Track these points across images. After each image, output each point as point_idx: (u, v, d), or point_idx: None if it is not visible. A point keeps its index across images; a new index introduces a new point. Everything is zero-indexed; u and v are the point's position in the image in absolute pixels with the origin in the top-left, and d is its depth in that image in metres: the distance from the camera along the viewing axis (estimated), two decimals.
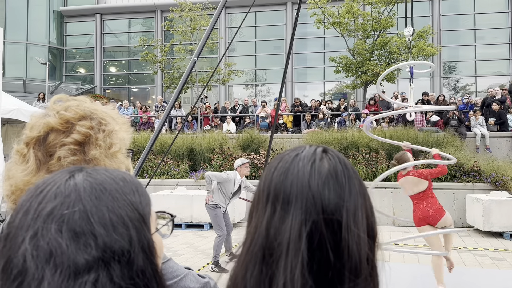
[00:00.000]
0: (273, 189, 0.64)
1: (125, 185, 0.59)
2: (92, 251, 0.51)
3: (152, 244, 0.58)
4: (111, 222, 0.54)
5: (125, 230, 0.54)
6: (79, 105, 0.99)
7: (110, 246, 0.52)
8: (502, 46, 20.43)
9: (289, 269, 0.58)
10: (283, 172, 0.65)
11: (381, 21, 15.51)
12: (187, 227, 9.37)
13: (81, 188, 0.56)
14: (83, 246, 0.51)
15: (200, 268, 6.25)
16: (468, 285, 5.14)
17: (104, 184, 0.57)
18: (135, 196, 0.59)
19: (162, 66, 18.49)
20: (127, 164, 1.05)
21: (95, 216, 0.53)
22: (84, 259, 0.50)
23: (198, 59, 3.58)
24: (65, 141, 0.94)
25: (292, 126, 14.19)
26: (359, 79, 15.65)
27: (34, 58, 21.38)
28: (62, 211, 0.53)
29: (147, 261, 0.55)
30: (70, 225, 0.52)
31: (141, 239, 0.56)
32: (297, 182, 0.63)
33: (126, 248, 0.53)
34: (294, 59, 21.96)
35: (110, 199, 0.56)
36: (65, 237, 0.51)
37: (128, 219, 0.55)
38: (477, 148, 11.15)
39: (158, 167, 9.58)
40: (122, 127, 1.05)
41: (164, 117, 3.44)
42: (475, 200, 8.70)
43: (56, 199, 0.55)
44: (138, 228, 0.56)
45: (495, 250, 7.30)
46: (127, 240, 0.54)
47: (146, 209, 0.60)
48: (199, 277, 1.03)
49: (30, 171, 0.94)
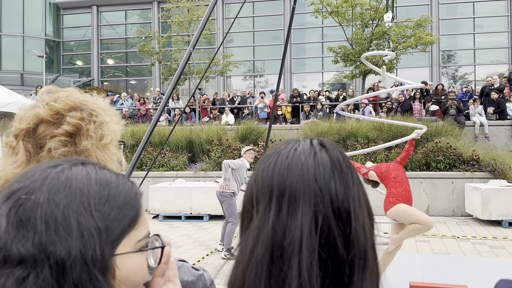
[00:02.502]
0: (276, 186, 0.62)
1: (100, 189, 0.54)
2: (27, 245, 0.48)
3: (104, 261, 0.51)
4: (55, 222, 0.49)
5: (66, 235, 0.49)
6: (68, 96, 0.98)
7: (44, 246, 0.48)
8: (502, 34, 20.32)
9: (305, 267, 0.56)
10: (286, 167, 0.63)
11: (379, 10, 15.39)
12: (187, 218, 9.40)
13: (49, 178, 0.53)
14: (22, 236, 0.48)
15: (199, 260, 6.28)
16: (467, 274, 5.17)
17: (73, 181, 0.53)
18: (104, 205, 0.53)
19: (160, 57, 18.38)
20: (118, 156, 1.04)
21: (42, 210, 0.50)
22: (18, 250, 0.47)
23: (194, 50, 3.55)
24: (56, 133, 0.92)
25: (291, 117, 14.16)
26: (357, 69, 15.57)
27: (31, 51, 21.24)
28: (21, 195, 0.51)
29: (86, 277, 0.49)
30: (19, 211, 0.50)
31: (85, 250, 0.50)
32: (303, 176, 0.61)
33: (61, 254, 0.48)
34: (292, 50, 21.84)
35: (67, 198, 0.51)
36: (10, 222, 0.49)
37: (75, 224, 0.50)
38: (476, 137, 11.15)
39: (156, 159, 9.56)
40: (113, 119, 1.03)
41: (160, 108, 3.41)
42: (474, 189, 8.72)
43: (24, 181, 0.53)
44: (86, 238, 0.50)
45: (494, 239, 7.34)
46: (65, 246, 0.49)
47: (114, 224, 0.54)
48: (193, 270, 1.03)
49: (20, 164, 0.92)
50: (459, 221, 8.94)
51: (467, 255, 6.34)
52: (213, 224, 8.88)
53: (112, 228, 0.53)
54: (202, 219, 9.36)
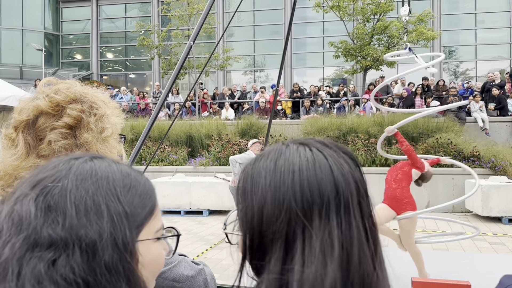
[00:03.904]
0: (318, 197, 0.55)
1: (123, 178, 0.57)
2: (57, 229, 0.49)
3: (131, 245, 0.53)
4: (85, 207, 0.51)
5: (97, 218, 0.51)
6: (69, 88, 0.97)
7: (76, 230, 0.50)
8: (503, 30, 20.21)
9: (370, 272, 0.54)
10: (307, 180, 0.57)
11: (381, 5, 15.29)
12: (186, 213, 9.39)
13: (74, 168, 0.55)
14: (51, 221, 0.50)
15: (198, 255, 6.27)
16: (467, 270, 5.16)
17: (98, 170, 0.56)
18: (128, 192, 0.56)
19: (159, 51, 18.28)
20: (119, 150, 1.03)
21: (72, 196, 0.52)
22: (48, 234, 0.49)
23: (194, 43, 3.50)
24: (56, 125, 0.92)
25: (291, 112, 14.11)
26: (358, 64, 15.50)
27: (30, 44, 21.12)
28: (47, 183, 0.53)
29: (117, 258, 0.51)
30: (47, 197, 0.51)
31: (114, 233, 0.52)
32: (336, 180, 0.57)
33: (92, 236, 0.50)
34: (293, 44, 21.72)
35: (95, 185, 0.54)
36: (39, 207, 0.50)
37: (105, 208, 0.52)
38: (482, 130, 10.95)
39: (156, 153, 9.53)
40: (114, 112, 1.02)
41: (160, 103, 3.37)
42: (474, 185, 8.70)
43: (49, 171, 0.55)
44: (115, 222, 0.52)
45: (494, 235, 7.34)
46: (96, 229, 0.51)
47: (137, 210, 0.56)
48: (193, 264, 1.02)
49: (20, 156, 0.91)
50: (459, 217, 8.93)
51: (467, 251, 6.33)
52: (213, 219, 8.87)
53: (136, 215, 0.55)
54: (202, 214, 9.34)
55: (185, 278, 0.98)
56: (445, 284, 3.56)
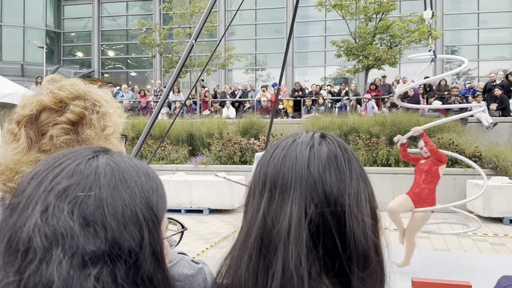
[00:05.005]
0: (270, 176, 0.62)
1: (147, 181, 0.55)
2: (100, 244, 0.47)
3: (163, 250, 0.53)
4: (124, 218, 0.49)
5: (137, 230, 0.49)
6: (73, 85, 0.98)
7: (118, 243, 0.48)
8: (506, 30, 20.15)
9: (290, 257, 0.55)
10: (281, 158, 0.62)
11: (383, 4, 15.25)
12: (186, 212, 9.38)
13: (102, 172, 0.51)
14: (92, 236, 0.47)
15: (199, 253, 6.26)
16: (467, 270, 5.14)
17: (125, 174, 0.53)
18: (154, 196, 0.54)
19: (161, 49, 18.26)
20: (120, 149, 1.03)
21: (109, 206, 0.49)
22: (92, 250, 0.46)
23: (196, 42, 3.49)
24: (58, 120, 0.92)
25: (292, 111, 14.09)
26: (360, 63, 15.46)
27: (32, 41, 21.12)
28: (77, 192, 0.49)
29: (157, 268, 0.50)
30: (82, 209, 0.48)
31: (153, 242, 0.51)
32: (296, 168, 0.60)
33: (135, 249, 0.48)
34: (295, 43, 21.67)
35: (129, 192, 0.51)
36: (76, 222, 0.47)
37: (142, 218, 0.50)
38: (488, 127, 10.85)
39: (156, 152, 9.52)
40: (116, 111, 1.03)
41: (161, 101, 3.36)
42: (475, 186, 8.68)
43: (73, 177, 0.50)
44: (152, 230, 0.51)
45: (495, 236, 7.32)
46: (137, 241, 0.49)
47: (161, 212, 0.55)
48: (192, 263, 1.02)
49: (21, 150, 0.92)
50: (459, 217, 8.90)
51: (467, 252, 6.32)
52: (213, 218, 8.86)
53: (160, 217, 0.55)
54: (202, 212, 9.34)
55: (184, 277, 0.98)
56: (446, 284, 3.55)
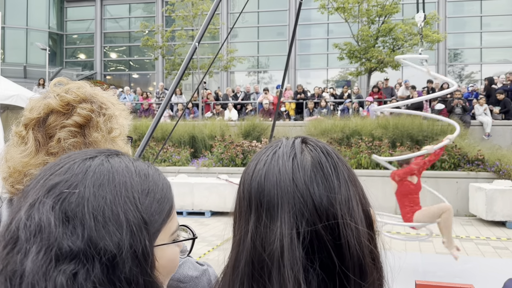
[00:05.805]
0: (254, 195, 0.58)
1: (141, 183, 0.54)
2: (76, 241, 0.47)
3: (149, 254, 0.51)
4: (104, 217, 0.49)
5: (116, 230, 0.49)
6: (80, 88, 0.99)
7: (94, 242, 0.47)
8: (509, 33, 20.12)
9: (288, 281, 0.51)
10: (263, 174, 0.58)
11: (386, 7, 15.25)
12: (188, 214, 9.37)
13: (90, 172, 0.52)
14: (70, 232, 0.47)
15: (201, 256, 6.25)
16: (470, 274, 5.12)
17: (115, 174, 0.53)
18: (146, 198, 0.53)
19: (163, 52, 18.31)
20: (126, 151, 1.04)
21: (90, 204, 0.49)
22: (68, 246, 0.47)
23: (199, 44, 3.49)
24: (66, 123, 0.93)
25: (295, 114, 14.09)
26: (363, 66, 15.46)
27: (34, 43, 21.19)
28: (63, 189, 0.50)
29: (137, 271, 0.49)
30: (65, 206, 0.49)
31: (134, 245, 0.49)
32: (280, 183, 0.56)
33: (112, 249, 0.48)
34: (297, 45, 21.69)
35: (113, 192, 0.51)
36: (56, 217, 0.48)
37: (124, 219, 0.50)
38: (486, 135, 10.96)
39: (159, 154, 9.53)
40: (122, 113, 1.04)
41: (164, 104, 3.36)
42: (478, 189, 8.65)
43: (64, 174, 0.52)
44: (134, 233, 0.50)
45: (498, 239, 7.28)
46: (115, 241, 0.48)
47: (155, 217, 0.54)
48: (197, 265, 1.03)
49: (29, 153, 0.93)
50: (462, 221, 8.87)
51: (470, 255, 6.28)
52: (215, 220, 8.85)
53: (154, 222, 0.53)
54: (204, 215, 9.33)
55: (189, 279, 0.99)
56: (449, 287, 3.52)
